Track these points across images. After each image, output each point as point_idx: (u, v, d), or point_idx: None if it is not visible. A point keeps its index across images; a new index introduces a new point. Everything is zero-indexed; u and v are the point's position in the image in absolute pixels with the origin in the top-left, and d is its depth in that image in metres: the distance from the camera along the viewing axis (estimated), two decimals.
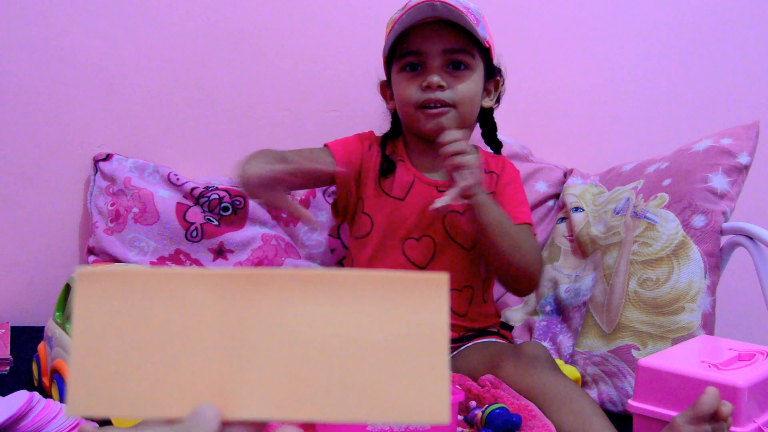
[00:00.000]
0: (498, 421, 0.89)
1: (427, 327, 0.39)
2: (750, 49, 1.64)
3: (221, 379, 0.38)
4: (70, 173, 1.46)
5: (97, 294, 0.39)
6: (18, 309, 1.45)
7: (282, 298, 0.39)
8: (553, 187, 1.52)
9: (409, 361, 0.39)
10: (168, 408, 0.38)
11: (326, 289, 0.39)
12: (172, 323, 0.39)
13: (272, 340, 0.39)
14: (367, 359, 0.39)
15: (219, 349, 0.39)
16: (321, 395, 0.38)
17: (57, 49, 1.43)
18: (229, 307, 0.39)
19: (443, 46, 1.15)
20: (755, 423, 0.87)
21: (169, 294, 0.39)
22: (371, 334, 0.39)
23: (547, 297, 1.38)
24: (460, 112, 1.17)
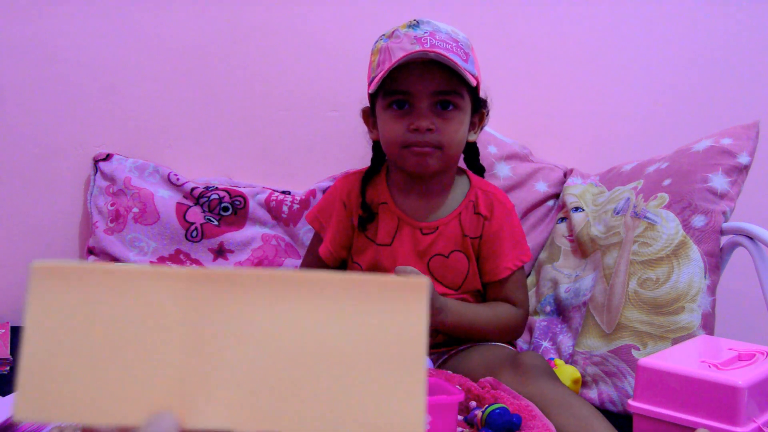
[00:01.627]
0: (498, 421, 0.89)
1: (404, 334, 0.36)
2: (750, 49, 1.64)
3: (182, 386, 0.36)
4: (70, 173, 1.46)
5: (52, 290, 0.36)
6: (18, 309, 1.45)
7: (250, 300, 0.36)
8: (553, 187, 1.52)
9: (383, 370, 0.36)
10: (124, 414, 0.36)
11: (298, 291, 0.37)
12: (131, 324, 0.36)
13: (238, 345, 0.36)
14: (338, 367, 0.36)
15: (180, 353, 0.36)
16: (288, 405, 0.36)
17: (57, 49, 1.43)
18: (193, 309, 0.36)
19: (432, 88, 1.13)
20: (755, 423, 0.87)
21: (129, 292, 0.36)
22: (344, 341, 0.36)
23: (547, 297, 1.38)
24: (446, 153, 1.16)
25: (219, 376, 0.36)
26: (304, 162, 1.54)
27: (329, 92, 1.53)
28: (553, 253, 1.43)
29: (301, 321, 0.36)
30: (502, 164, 1.50)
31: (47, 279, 0.37)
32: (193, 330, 0.36)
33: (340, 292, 0.37)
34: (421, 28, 1.14)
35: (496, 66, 1.55)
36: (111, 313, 0.36)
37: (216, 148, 1.52)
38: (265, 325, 0.36)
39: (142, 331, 0.36)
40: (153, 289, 0.37)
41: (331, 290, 0.37)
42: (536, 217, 1.50)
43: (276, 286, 0.37)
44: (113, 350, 0.36)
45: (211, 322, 0.36)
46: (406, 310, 0.37)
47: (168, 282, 0.37)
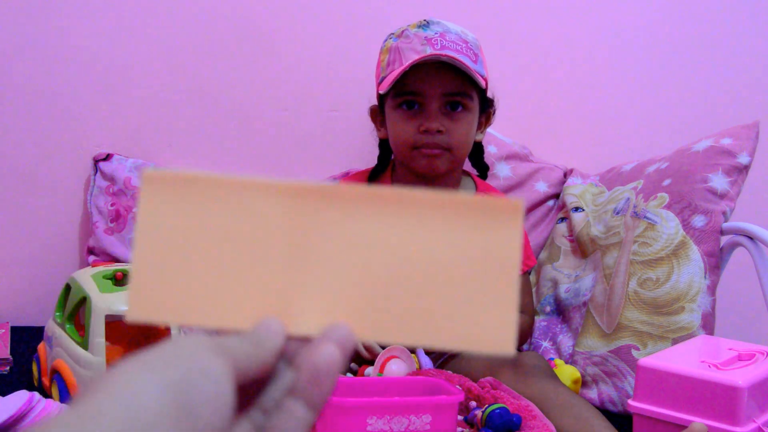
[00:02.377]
0: (498, 421, 0.89)
1: (498, 253, 0.37)
2: (750, 49, 1.64)
3: (287, 293, 0.37)
4: (70, 173, 1.46)
5: (162, 197, 0.36)
6: (18, 309, 1.45)
7: (353, 214, 0.37)
8: (553, 187, 1.52)
9: (477, 287, 0.37)
10: (232, 319, 0.36)
11: (398, 207, 0.37)
12: (238, 232, 0.37)
13: (340, 256, 0.37)
14: (434, 281, 0.37)
15: (285, 262, 0.37)
16: (386, 316, 0.37)
17: (57, 49, 1.43)
18: (298, 220, 0.37)
19: (443, 90, 1.14)
20: (755, 423, 0.87)
21: (237, 202, 0.37)
22: (440, 256, 0.37)
23: (547, 297, 1.38)
24: (455, 155, 1.18)
25: (321, 285, 0.37)
26: (304, 162, 1.54)
27: (329, 92, 1.53)
28: (553, 253, 1.43)
29: (401, 235, 0.37)
30: (502, 164, 1.50)
31: (157, 186, 0.37)
32: (298, 240, 0.37)
33: (439, 209, 0.37)
34: (431, 28, 1.15)
35: (496, 66, 1.54)
36: (219, 221, 0.37)
37: (216, 148, 1.52)
38: (366, 237, 0.37)
39: (249, 240, 0.37)
40: (261, 199, 0.37)
41: (432, 206, 0.37)
42: (536, 217, 1.50)
43: (377, 201, 0.37)
44: (221, 257, 0.37)
45: (314, 233, 0.37)
46: (502, 228, 0.37)
47: (275, 192, 0.37)
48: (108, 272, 1.07)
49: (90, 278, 1.05)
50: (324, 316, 0.37)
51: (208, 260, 0.37)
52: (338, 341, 0.35)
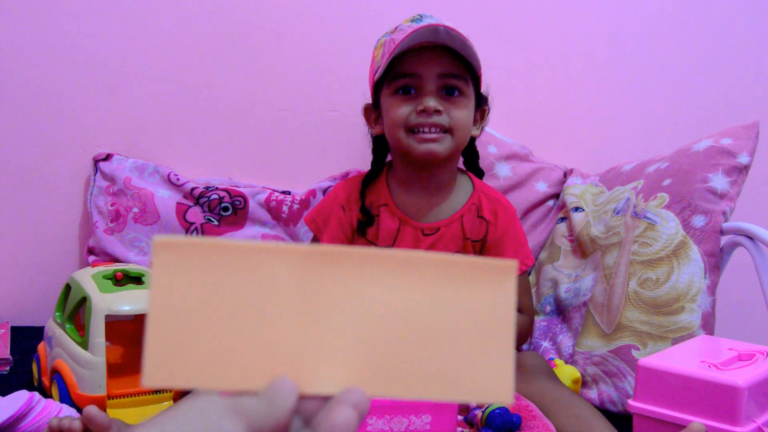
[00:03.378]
0: (498, 421, 0.89)
1: (494, 310, 0.40)
2: (750, 49, 1.64)
3: (298, 354, 0.38)
4: (70, 173, 1.46)
5: (174, 263, 0.38)
6: (18, 309, 1.45)
7: (359, 276, 0.39)
8: (553, 187, 1.52)
9: (476, 343, 0.40)
10: (245, 380, 0.38)
11: (401, 269, 0.39)
12: (249, 296, 0.38)
13: (348, 317, 0.39)
14: (437, 339, 0.39)
15: (296, 324, 0.39)
16: (393, 373, 0.39)
17: (57, 49, 1.43)
18: (307, 282, 0.39)
19: (440, 70, 1.11)
20: (755, 423, 0.87)
21: (248, 267, 0.38)
22: (442, 315, 0.40)
23: (547, 297, 1.38)
24: (455, 138, 1.14)
25: (331, 345, 0.39)
26: (304, 162, 1.54)
27: (329, 92, 1.53)
28: (553, 253, 1.43)
29: (404, 295, 0.40)
30: (502, 164, 1.50)
31: (169, 252, 0.38)
32: (308, 302, 0.39)
33: (439, 270, 0.40)
34: (424, 20, 1.13)
35: (496, 66, 1.55)
36: (231, 286, 0.38)
37: (216, 148, 1.52)
38: (372, 298, 0.39)
39: (260, 303, 0.38)
40: (270, 264, 0.39)
41: (433, 268, 0.40)
42: (536, 217, 1.50)
43: (382, 263, 0.40)
44: (234, 320, 0.38)
45: (323, 295, 0.39)
46: (497, 287, 0.40)
47: (284, 257, 0.39)
48: (108, 272, 1.07)
49: (90, 278, 1.05)
50: (335, 375, 0.39)
51: (220, 324, 0.38)
52: (354, 404, 0.37)
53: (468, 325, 0.40)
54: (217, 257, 0.38)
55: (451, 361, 0.39)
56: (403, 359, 0.39)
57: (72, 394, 0.98)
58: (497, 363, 0.40)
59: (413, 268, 0.40)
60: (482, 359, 0.40)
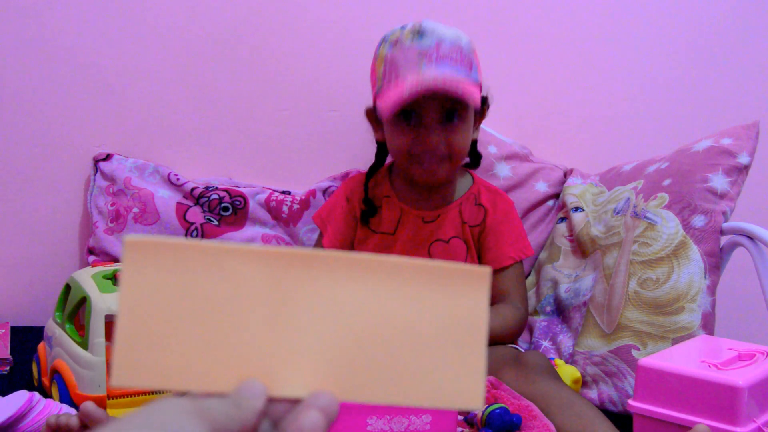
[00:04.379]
0: (498, 421, 0.89)
1: (467, 317, 0.40)
2: (750, 49, 1.64)
3: (268, 356, 0.38)
4: (70, 173, 1.46)
5: (144, 264, 0.38)
6: (18, 309, 1.45)
7: (329, 279, 0.39)
8: (553, 187, 1.52)
9: (448, 349, 0.39)
10: (214, 382, 0.38)
11: (372, 273, 0.39)
12: (220, 297, 0.38)
13: (318, 320, 0.39)
14: (408, 344, 0.39)
15: (266, 326, 0.38)
16: (363, 377, 0.39)
17: (57, 49, 1.43)
18: (278, 285, 0.39)
19: (439, 104, 1.14)
20: (755, 423, 0.87)
21: (218, 268, 0.38)
22: (413, 320, 0.39)
23: (547, 297, 1.38)
24: (454, 161, 1.20)
25: (301, 348, 0.39)
26: (304, 162, 1.54)
27: (329, 92, 1.53)
28: (553, 253, 1.43)
29: (376, 300, 0.39)
30: (502, 164, 1.50)
31: (139, 253, 0.38)
32: (279, 304, 0.39)
33: (411, 276, 0.40)
34: (425, 38, 1.12)
35: (496, 66, 1.54)
36: (201, 287, 0.38)
37: (216, 148, 1.52)
38: (343, 302, 0.39)
39: (230, 304, 0.38)
40: (241, 265, 0.38)
41: (404, 273, 0.40)
42: (536, 217, 1.50)
43: (354, 267, 0.39)
44: (204, 322, 0.38)
45: (294, 298, 0.39)
46: (470, 294, 0.40)
47: (255, 258, 0.39)
48: (108, 272, 1.07)
49: (90, 278, 1.05)
50: (305, 378, 0.39)
51: (190, 325, 0.38)
52: (322, 408, 0.36)
53: (439, 331, 0.40)
54: (188, 258, 0.38)
55: (422, 366, 0.39)
56: (373, 363, 0.39)
57: (72, 394, 0.98)
58: (468, 369, 0.40)
59: (386, 272, 0.39)
60: (453, 365, 0.39)
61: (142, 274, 0.38)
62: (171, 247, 0.38)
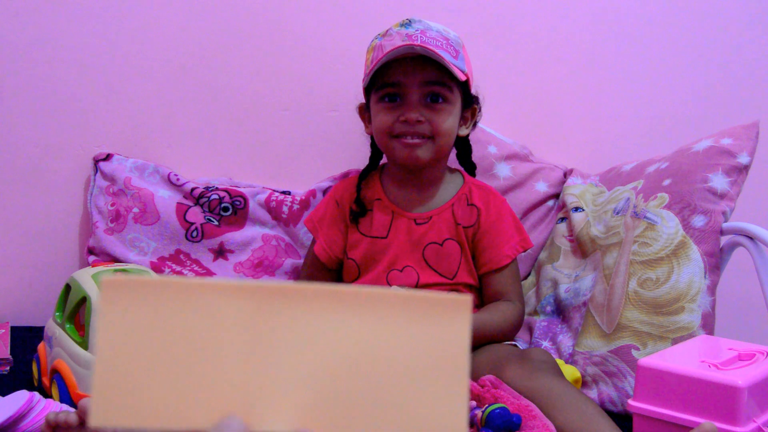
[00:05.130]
0: (498, 421, 0.89)
1: (448, 348, 0.39)
2: (750, 49, 1.64)
3: (247, 392, 0.38)
4: (70, 173, 1.46)
5: (122, 303, 0.38)
6: (18, 309, 1.45)
7: (308, 312, 0.39)
8: (553, 187, 1.52)
9: (429, 380, 0.39)
10: (193, 419, 0.38)
11: (352, 305, 0.39)
12: (198, 334, 0.38)
13: (298, 354, 0.39)
14: (389, 376, 0.39)
15: (245, 362, 0.38)
16: (344, 411, 0.39)
17: (57, 49, 1.43)
18: (256, 319, 0.39)
19: (421, 79, 1.17)
20: (755, 423, 0.87)
21: (196, 304, 0.38)
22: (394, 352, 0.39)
23: (547, 297, 1.38)
24: (437, 143, 1.20)
25: (281, 383, 0.39)
26: (304, 162, 1.54)
27: (328, 92, 1.53)
28: (553, 253, 1.43)
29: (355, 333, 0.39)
30: (502, 164, 1.50)
31: (117, 292, 0.38)
32: (257, 339, 0.39)
33: (392, 307, 0.39)
34: (412, 26, 1.18)
35: (496, 66, 1.55)
36: (179, 324, 0.38)
37: (216, 148, 1.52)
38: (323, 335, 0.39)
39: (208, 341, 0.38)
40: (218, 301, 0.38)
41: (383, 305, 0.39)
42: (536, 217, 1.50)
43: (332, 300, 0.39)
44: (182, 359, 0.38)
45: (273, 332, 0.39)
46: (450, 324, 0.39)
47: (232, 294, 0.38)
48: (108, 272, 1.07)
49: (90, 278, 1.05)
50: (285, 413, 0.38)
51: (169, 363, 0.38)
52: None
53: (421, 362, 0.39)
54: (166, 295, 0.38)
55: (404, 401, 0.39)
56: (354, 397, 0.39)
57: (72, 394, 0.98)
58: (451, 402, 0.39)
59: (366, 304, 0.39)
60: (435, 398, 0.39)
61: (120, 313, 0.38)
62: (148, 285, 0.38)
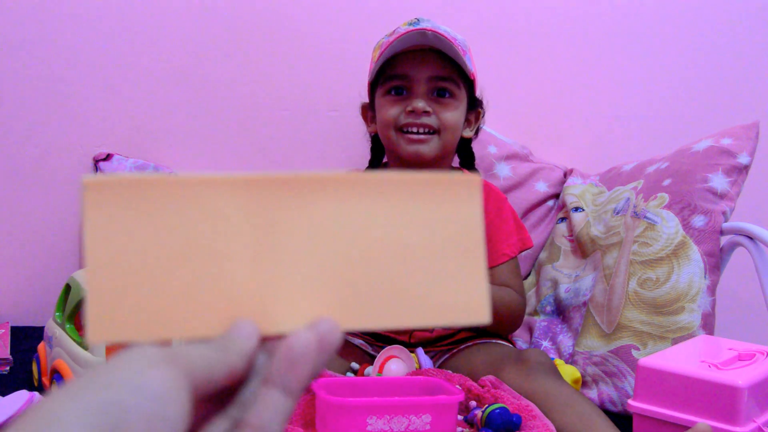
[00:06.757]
0: (498, 421, 0.89)
1: (462, 227, 0.37)
2: (750, 49, 1.64)
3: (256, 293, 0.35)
4: (70, 173, 1.46)
5: (108, 206, 0.33)
6: (18, 309, 1.45)
7: (314, 202, 0.36)
8: (553, 187, 1.52)
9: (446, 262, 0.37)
10: (200, 327, 0.34)
11: (358, 190, 0.36)
12: (197, 234, 0.34)
13: (308, 247, 0.35)
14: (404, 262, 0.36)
15: (252, 260, 0.35)
16: (361, 302, 0.36)
17: (57, 49, 1.43)
18: (260, 213, 0.35)
19: (430, 73, 1.16)
20: (755, 423, 0.87)
21: (191, 202, 0.34)
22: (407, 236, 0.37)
23: (547, 297, 1.38)
24: (442, 139, 1.18)
25: (291, 279, 0.35)
26: (304, 162, 1.54)
27: (329, 92, 1.53)
28: (553, 253, 1.43)
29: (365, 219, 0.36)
30: (502, 164, 1.50)
31: (101, 194, 0.33)
32: (261, 234, 0.35)
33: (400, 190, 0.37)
34: (421, 24, 1.17)
35: (496, 66, 1.55)
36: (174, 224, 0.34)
37: (216, 148, 1.52)
38: (330, 224, 0.36)
39: (208, 240, 0.34)
40: (216, 196, 0.35)
41: (392, 188, 0.37)
42: (536, 217, 1.50)
43: (337, 186, 0.36)
44: (181, 262, 0.34)
45: (279, 226, 0.35)
46: (462, 203, 0.37)
47: (230, 188, 0.35)
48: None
49: None
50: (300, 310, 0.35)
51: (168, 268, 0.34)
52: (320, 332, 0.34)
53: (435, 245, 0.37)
54: (156, 194, 0.34)
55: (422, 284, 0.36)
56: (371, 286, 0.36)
57: None
58: (470, 281, 0.37)
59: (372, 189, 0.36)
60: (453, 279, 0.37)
61: (107, 218, 0.33)
62: (136, 183, 0.34)
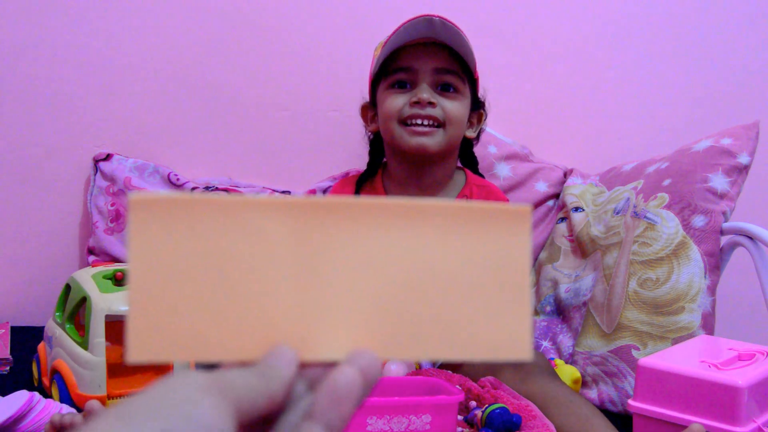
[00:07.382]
0: (498, 421, 0.89)
1: (509, 260, 0.36)
2: (750, 49, 1.64)
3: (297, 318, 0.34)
4: (70, 173, 1.46)
5: (154, 224, 0.33)
6: (18, 309, 1.45)
7: (360, 228, 0.35)
8: (553, 187, 1.52)
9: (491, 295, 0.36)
10: (239, 351, 0.34)
11: (406, 218, 0.35)
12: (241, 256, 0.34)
13: (351, 274, 0.35)
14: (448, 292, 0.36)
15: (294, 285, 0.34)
16: (401, 332, 0.35)
17: (57, 49, 1.43)
18: (305, 238, 0.34)
19: (435, 65, 1.14)
20: (755, 423, 0.87)
21: (237, 223, 0.34)
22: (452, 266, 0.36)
23: (548, 297, 1.38)
24: (447, 132, 1.15)
25: (334, 306, 0.35)
26: (304, 162, 1.54)
27: (329, 92, 1.53)
28: (553, 253, 1.43)
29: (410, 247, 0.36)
30: (502, 164, 1.50)
31: (148, 212, 0.33)
32: (305, 260, 0.35)
33: (447, 218, 0.36)
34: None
35: (496, 66, 1.55)
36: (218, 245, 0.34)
37: (216, 148, 1.52)
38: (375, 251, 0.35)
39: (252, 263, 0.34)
40: (261, 219, 0.34)
41: (439, 216, 0.36)
42: (536, 217, 1.50)
43: (384, 213, 0.35)
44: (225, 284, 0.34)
45: (323, 251, 0.35)
46: (510, 235, 0.36)
47: (277, 211, 0.34)
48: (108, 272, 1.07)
49: (90, 278, 1.05)
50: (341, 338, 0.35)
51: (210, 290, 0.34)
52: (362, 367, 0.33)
53: (481, 277, 0.36)
54: (203, 214, 0.33)
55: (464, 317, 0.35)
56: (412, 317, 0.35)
57: (72, 394, 0.98)
58: (513, 316, 0.36)
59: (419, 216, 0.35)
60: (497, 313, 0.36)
61: (153, 236, 0.33)
62: (183, 203, 0.33)
